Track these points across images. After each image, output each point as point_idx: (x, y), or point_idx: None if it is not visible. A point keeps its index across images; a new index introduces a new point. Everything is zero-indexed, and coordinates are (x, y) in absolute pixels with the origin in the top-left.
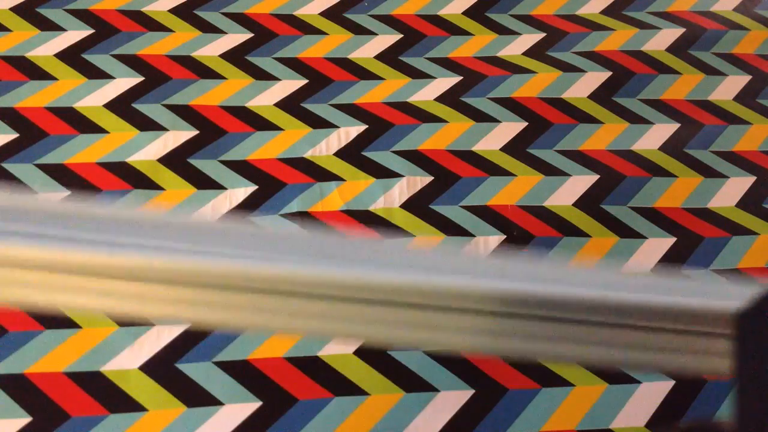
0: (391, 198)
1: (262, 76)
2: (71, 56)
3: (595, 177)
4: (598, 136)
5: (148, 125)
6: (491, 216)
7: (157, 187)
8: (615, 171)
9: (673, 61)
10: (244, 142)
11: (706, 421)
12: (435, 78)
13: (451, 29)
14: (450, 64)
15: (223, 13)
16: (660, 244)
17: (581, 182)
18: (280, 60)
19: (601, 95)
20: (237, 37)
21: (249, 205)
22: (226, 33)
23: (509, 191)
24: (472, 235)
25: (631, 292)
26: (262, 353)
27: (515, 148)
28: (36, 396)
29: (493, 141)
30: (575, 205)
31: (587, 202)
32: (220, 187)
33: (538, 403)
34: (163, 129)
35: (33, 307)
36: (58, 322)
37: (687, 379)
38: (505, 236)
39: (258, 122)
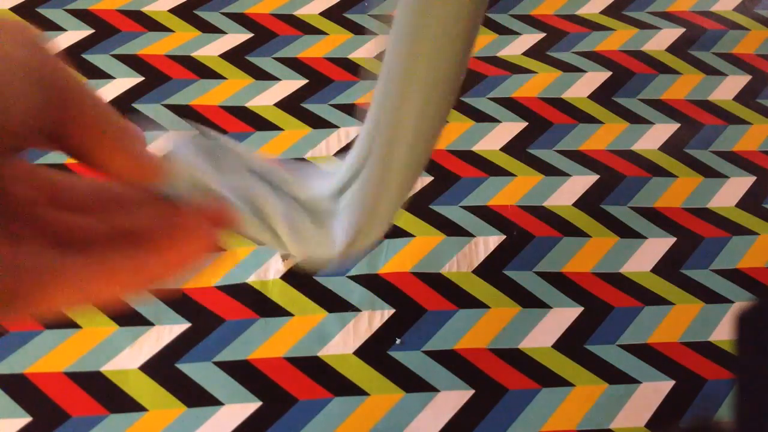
0: None
1: (262, 76)
2: (72, 56)
3: (595, 177)
4: (598, 136)
5: (148, 125)
6: (491, 216)
7: None
8: (615, 171)
9: (673, 61)
10: (244, 142)
11: (706, 421)
12: None
13: None
14: None
15: (223, 13)
16: (660, 244)
17: (581, 182)
18: (280, 60)
19: (601, 95)
20: (237, 37)
21: None
22: (226, 33)
23: (509, 191)
24: (472, 235)
25: None
26: (262, 353)
27: (515, 148)
28: (36, 396)
29: (493, 141)
30: (575, 205)
31: (587, 202)
32: None
33: (538, 403)
34: (163, 129)
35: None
36: (58, 322)
37: (687, 379)
38: (505, 236)
39: (258, 122)
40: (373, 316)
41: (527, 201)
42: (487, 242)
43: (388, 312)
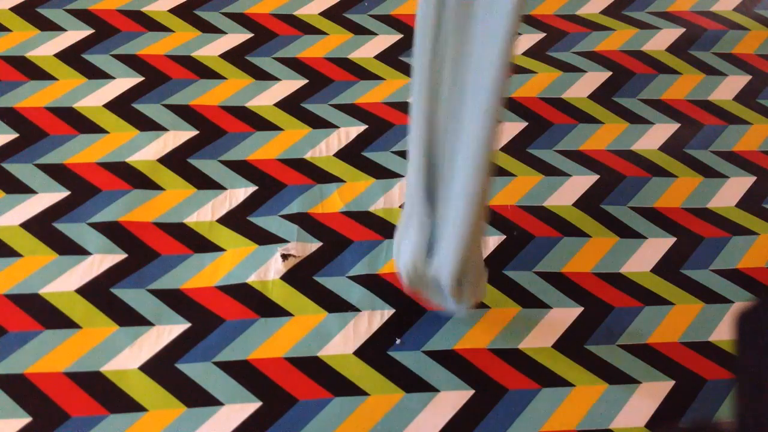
0: (391, 198)
1: (262, 76)
2: (71, 56)
3: (595, 177)
4: (598, 136)
5: (148, 125)
6: (492, 216)
7: (157, 187)
8: (615, 171)
9: (673, 61)
10: (244, 142)
11: (706, 421)
12: None
13: None
14: None
15: (223, 13)
16: (660, 243)
17: (581, 182)
18: (280, 60)
19: (601, 95)
20: (237, 37)
21: (249, 206)
22: (226, 33)
23: (509, 191)
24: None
25: None
26: (262, 353)
27: (515, 148)
28: (36, 396)
29: None
30: (575, 205)
31: (587, 202)
32: (220, 187)
33: (538, 403)
34: (163, 129)
35: None
36: (58, 322)
37: (687, 379)
38: (505, 236)
39: (258, 122)
40: (373, 316)
41: (527, 201)
42: (487, 242)
43: (388, 312)
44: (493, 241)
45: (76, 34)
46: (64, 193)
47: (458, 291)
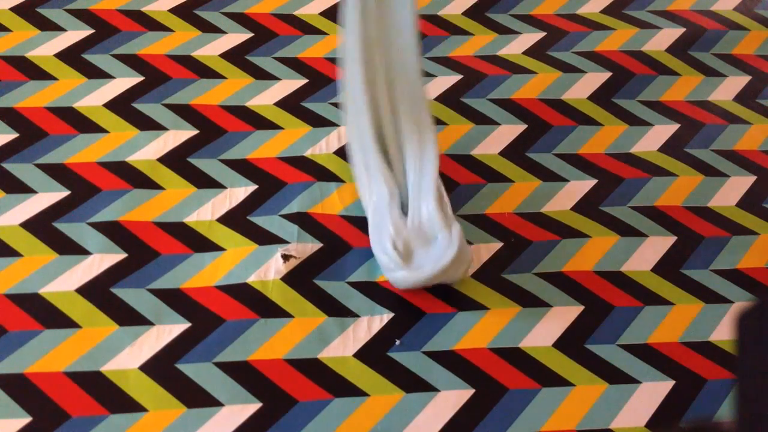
0: None
1: (262, 75)
2: (71, 56)
3: (593, 181)
4: (598, 138)
5: (148, 125)
6: (489, 224)
7: (157, 187)
8: (614, 174)
9: (673, 61)
10: (244, 141)
11: (706, 421)
12: (435, 77)
13: (451, 29)
14: (450, 64)
15: (223, 13)
16: (661, 242)
17: (580, 186)
18: (280, 60)
19: (600, 96)
20: (237, 37)
21: (249, 205)
22: (226, 33)
23: (507, 198)
24: (470, 243)
25: None
26: (262, 354)
27: (514, 152)
28: (36, 396)
29: (492, 144)
30: (573, 209)
31: (586, 206)
32: (220, 186)
33: (538, 403)
34: (163, 129)
35: None
36: (58, 322)
37: (687, 379)
38: (503, 243)
39: (258, 121)
40: (372, 321)
41: (525, 208)
42: (486, 249)
43: (387, 316)
44: (490, 248)
45: (76, 34)
46: (64, 193)
47: (445, 221)
